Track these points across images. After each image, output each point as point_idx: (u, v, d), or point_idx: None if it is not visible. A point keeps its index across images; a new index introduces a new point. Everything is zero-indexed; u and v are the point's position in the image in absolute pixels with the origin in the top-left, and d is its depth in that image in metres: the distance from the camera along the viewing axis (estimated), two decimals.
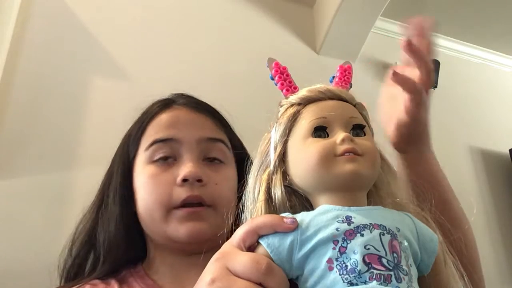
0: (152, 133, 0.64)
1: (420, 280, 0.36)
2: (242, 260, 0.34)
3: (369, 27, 1.94)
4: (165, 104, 0.68)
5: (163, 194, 0.59)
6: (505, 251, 2.03)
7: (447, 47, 2.43)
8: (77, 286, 0.61)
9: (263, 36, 1.86)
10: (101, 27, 1.54)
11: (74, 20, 1.50)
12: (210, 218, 0.58)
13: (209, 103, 0.71)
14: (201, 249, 0.56)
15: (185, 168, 0.59)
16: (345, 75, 0.47)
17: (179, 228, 0.58)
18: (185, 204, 0.58)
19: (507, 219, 2.13)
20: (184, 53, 1.66)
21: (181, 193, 0.58)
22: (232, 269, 0.34)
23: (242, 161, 0.67)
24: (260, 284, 0.33)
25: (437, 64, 2.12)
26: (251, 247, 0.36)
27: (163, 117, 0.65)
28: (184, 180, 0.58)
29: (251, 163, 0.45)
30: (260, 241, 0.35)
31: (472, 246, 0.59)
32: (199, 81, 1.57)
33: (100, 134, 1.35)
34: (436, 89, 2.14)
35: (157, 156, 0.62)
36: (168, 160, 0.61)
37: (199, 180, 0.59)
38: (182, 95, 0.71)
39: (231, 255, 0.35)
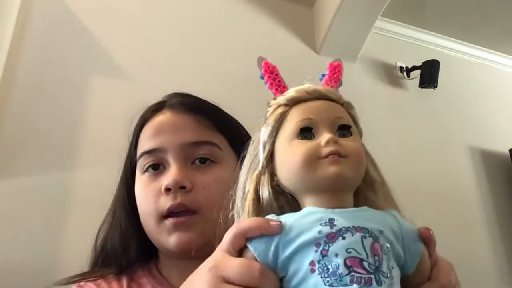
0: (142, 143, 0.64)
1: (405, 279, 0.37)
2: (234, 267, 0.34)
3: (369, 27, 1.94)
4: (155, 109, 0.67)
5: (152, 204, 0.59)
6: (505, 251, 2.03)
7: (447, 47, 2.43)
8: (93, 278, 0.63)
9: (263, 36, 1.86)
10: (101, 27, 1.54)
11: (74, 20, 1.51)
12: (197, 226, 0.58)
13: (200, 99, 0.71)
14: (197, 256, 0.54)
15: (168, 177, 0.59)
16: (335, 72, 0.46)
17: (168, 239, 0.58)
18: (170, 213, 0.58)
19: (507, 219, 2.13)
20: (184, 53, 1.66)
21: (166, 203, 0.58)
22: (226, 277, 0.34)
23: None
24: None
25: (437, 64, 2.12)
26: (241, 250, 0.37)
27: (150, 125, 0.65)
28: (168, 189, 0.58)
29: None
30: (248, 244, 0.36)
31: None
32: (199, 81, 1.57)
33: (100, 134, 1.36)
34: (436, 89, 2.15)
35: (147, 167, 0.62)
36: (157, 169, 0.62)
37: (183, 187, 0.58)
38: (175, 95, 0.70)
39: (223, 263, 0.35)
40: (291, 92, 0.42)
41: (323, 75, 0.46)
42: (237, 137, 0.67)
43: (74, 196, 1.26)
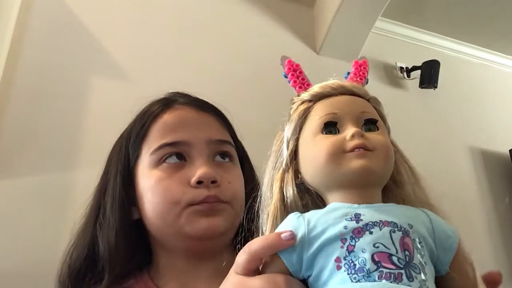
0: (157, 136, 0.61)
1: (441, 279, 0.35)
2: (259, 286, 0.33)
3: (369, 27, 1.94)
4: (165, 104, 0.66)
5: (176, 195, 0.58)
6: (505, 251, 2.03)
7: (447, 47, 2.43)
8: None
9: (263, 36, 1.86)
10: (101, 28, 1.54)
11: (74, 20, 1.50)
12: (226, 214, 0.58)
13: (209, 102, 0.71)
14: (212, 247, 0.57)
15: (200, 170, 0.58)
16: (361, 70, 0.45)
17: (196, 223, 0.57)
18: (199, 202, 0.57)
19: (507, 219, 2.12)
20: (184, 53, 1.66)
21: (198, 194, 0.57)
22: None
23: (242, 161, 0.67)
24: None
25: (437, 64, 2.12)
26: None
27: (167, 118, 0.63)
28: (199, 182, 0.58)
29: (250, 164, 0.44)
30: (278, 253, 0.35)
31: None
32: (199, 81, 1.57)
33: (100, 134, 1.35)
34: (436, 89, 2.15)
35: (166, 159, 0.60)
36: (178, 162, 0.60)
37: (213, 181, 0.58)
38: (179, 94, 0.69)
39: (245, 286, 0.34)
40: (315, 88, 0.42)
41: (348, 73, 0.46)
42: (236, 141, 0.69)
43: (74, 196, 1.26)
